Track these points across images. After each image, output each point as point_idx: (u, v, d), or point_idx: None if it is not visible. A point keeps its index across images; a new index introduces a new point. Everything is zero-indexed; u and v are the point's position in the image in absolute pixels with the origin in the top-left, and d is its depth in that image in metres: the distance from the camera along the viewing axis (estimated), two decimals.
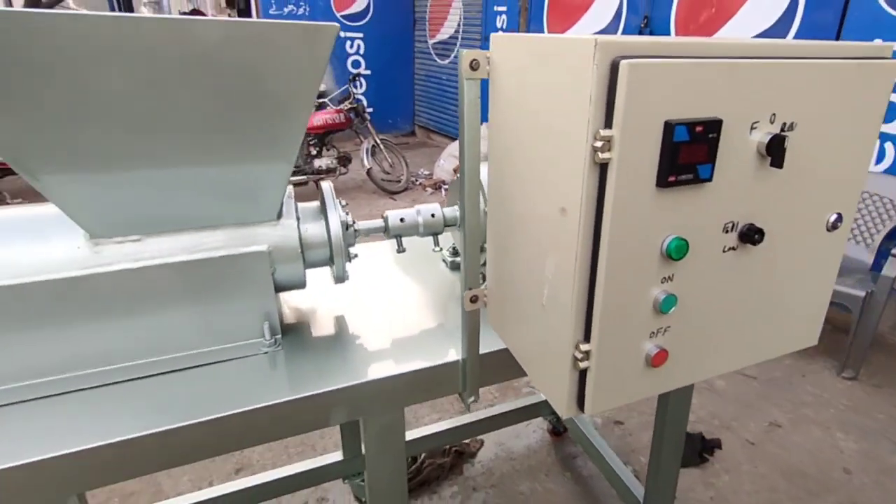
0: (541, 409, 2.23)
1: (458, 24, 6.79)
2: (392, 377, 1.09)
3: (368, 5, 7.29)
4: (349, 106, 5.23)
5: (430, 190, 5.75)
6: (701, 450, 2.21)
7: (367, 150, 5.35)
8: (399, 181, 5.65)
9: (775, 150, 0.72)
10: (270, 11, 6.87)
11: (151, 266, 1.02)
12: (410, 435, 2.13)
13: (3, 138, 0.86)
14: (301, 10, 7.02)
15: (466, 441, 2.27)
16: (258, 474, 1.86)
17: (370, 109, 6.76)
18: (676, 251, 0.72)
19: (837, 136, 0.80)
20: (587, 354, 0.77)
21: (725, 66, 0.66)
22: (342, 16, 7.22)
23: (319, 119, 5.09)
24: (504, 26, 5.95)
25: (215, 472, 2.13)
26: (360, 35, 7.35)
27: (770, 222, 0.79)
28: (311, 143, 5.15)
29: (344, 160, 5.29)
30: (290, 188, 1.23)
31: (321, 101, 5.37)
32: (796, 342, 0.96)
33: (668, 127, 0.65)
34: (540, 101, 0.76)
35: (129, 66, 0.81)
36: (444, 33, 7.09)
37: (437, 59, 7.40)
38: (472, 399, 1.18)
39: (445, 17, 6.96)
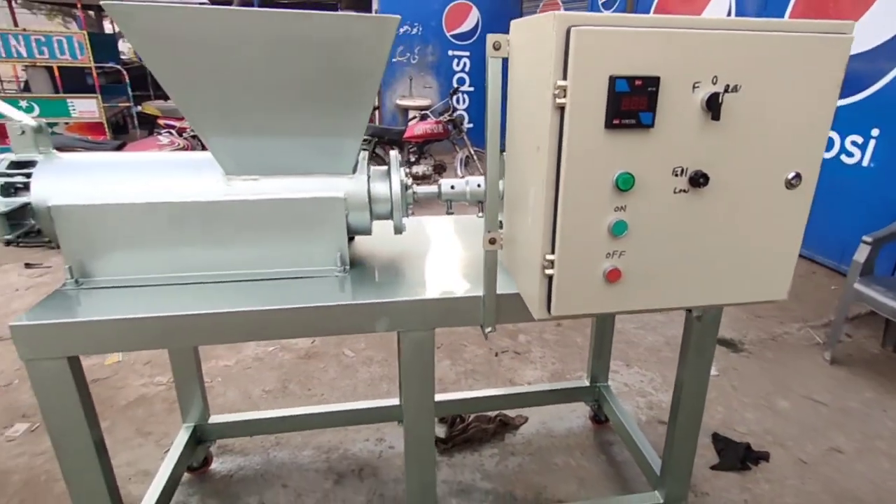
0: (583, 393, 2.35)
1: None
2: (424, 300, 1.35)
3: (477, 24, 7.81)
4: (448, 118, 5.66)
5: None
6: (744, 458, 2.18)
7: (461, 160, 5.74)
8: None
9: (713, 106, 0.89)
10: None
11: (263, 199, 1.39)
12: (459, 395, 2.37)
13: (186, 109, 1.28)
14: (415, 30, 7.69)
15: (512, 415, 2.45)
16: (332, 404, 2.22)
17: (471, 125, 7.18)
18: (623, 183, 0.92)
19: (789, 101, 0.94)
20: (552, 263, 0.98)
21: (664, 34, 0.85)
22: (452, 35, 7.80)
23: (420, 129, 5.56)
24: None
25: (302, 403, 2.51)
26: (468, 53, 7.88)
27: (720, 171, 0.95)
28: (411, 150, 5.64)
29: (439, 168, 5.72)
30: (364, 154, 1.56)
31: (423, 112, 5.87)
32: (762, 293, 1.08)
33: (612, 80, 0.86)
34: (529, 66, 1.00)
35: (260, 48, 1.18)
36: None
37: None
38: (489, 329, 1.41)
39: None
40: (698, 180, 0.94)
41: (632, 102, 0.87)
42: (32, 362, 1.24)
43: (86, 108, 6.39)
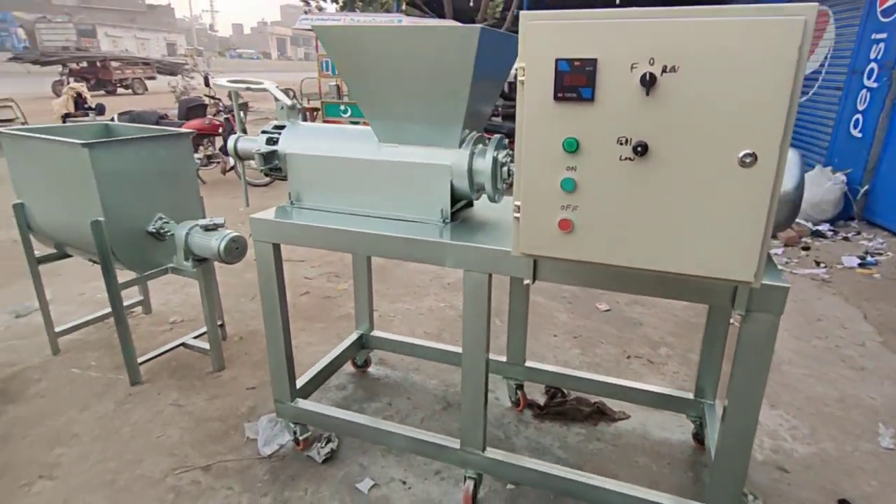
0: (684, 406, 2.26)
1: (826, 57, 5.89)
2: (482, 248, 1.69)
3: None
4: None
5: None
6: None
7: None
8: None
9: (645, 83, 1.04)
10: None
11: (397, 161, 1.94)
12: (559, 369, 2.55)
13: (357, 97, 1.91)
14: None
15: (614, 408, 2.50)
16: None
17: None
18: (568, 146, 1.14)
19: (735, 83, 1.00)
20: (518, 208, 1.25)
21: (599, 24, 1.06)
22: None
23: None
24: (880, 55, 4.86)
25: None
26: None
27: (662, 144, 1.08)
28: None
29: None
30: (475, 135, 1.96)
31: None
32: (724, 271, 1.11)
33: (557, 62, 1.10)
34: None
35: (398, 54, 1.72)
36: (808, 67, 6.24)
37: None
38: (526, 281, 1.67)
39: (812, 50, 6.13)
40: (637, 149, 1.08)
41: (573, 80, 1.09)
42: (258, 243, 2.05)
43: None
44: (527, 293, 2.46)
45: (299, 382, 2.38)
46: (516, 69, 1.16)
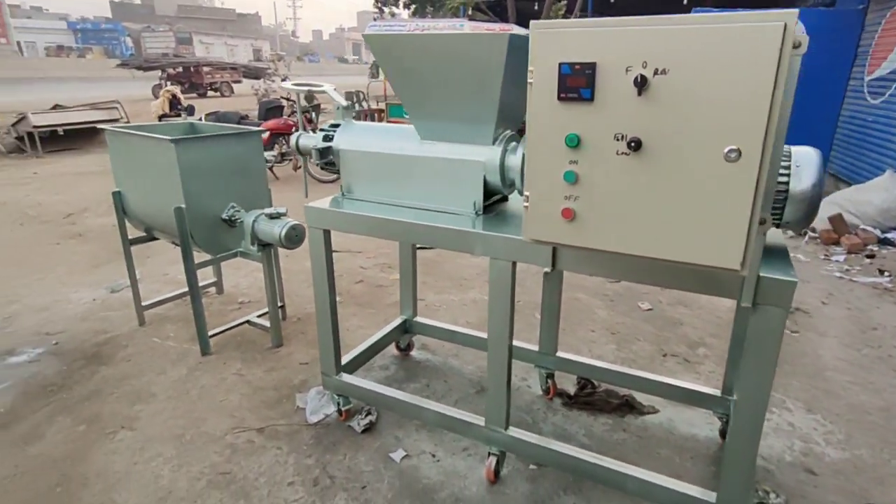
0: (710, 402, 2.27)
1: None
2: (507, 238, 1.82)
3: None
4: None
5: (790, 232, 5.09)
6: None
7: None
8: None
9: (638, 84, 1.15)
10: None
11: (436, 157, 2.10)
12: (588, 360, 2.62)
13: (403, 99, 2.10)
14: None
15: (644, 403, 2.54)
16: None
17: None
18: (570, 141, 1.26)
19: (719, 84, 1.09)
20: (528, 198, 1.38)
21: (597, 32, 1.17)
22: None
23: None
24: None
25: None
26: None
27: (655, 140, 1.18)
28: None
29: None
30: (507, 133, 2.08)
31: None
32: (712, 258, 1.19)
33: (560, 66, 1.23)
34: None
35: (432, 59, 1.89)
36: (886, 67, 5.76)
37: (868, 97, 6.11)
38: (545, 270, 1.79)
39: (891, 49, 5.65)
40: (631, 144, 1.18)
41: (574, 81, 1.21)
42: (310, 228, 2.29)
43: None
44: (559, 286, 2.56)
45: (345, 359, 2.60)
46: (529, 72, 1.29)
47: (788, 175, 1.58)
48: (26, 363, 3.01)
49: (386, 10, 16.77)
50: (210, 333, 3.17)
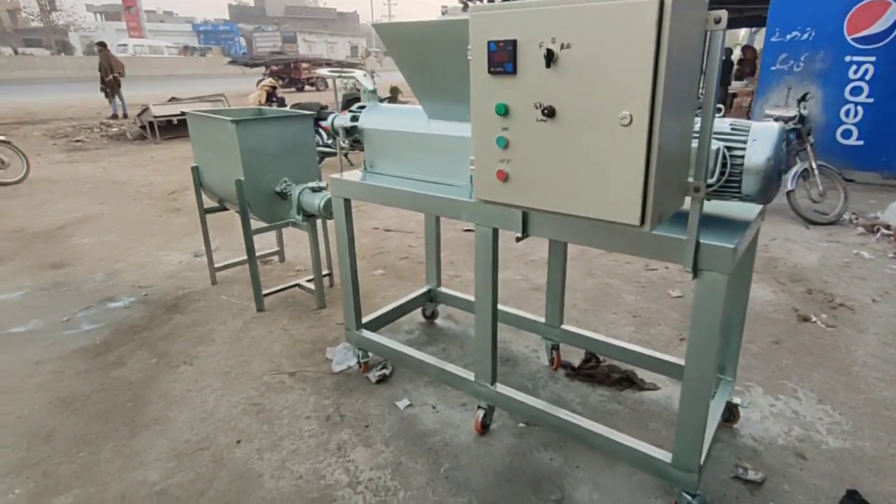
0: None
1: None
2: (487, 204, 2.00)
3: (893, 26, 5.85)
4: (792, 126, 4.89)
5: (861, 228, 4.65)
6: None
7: (796, 172, 4.87)
8: (827, 214, 4.86)
9: (546, 58, 1.29)
10: (772, 39, 6.65)
11: (440, 134, 2.32)
12: (593, 335, 2.70)
13: (411, 83, 2.33)
14: (805, 35, 6.41)
15: (647, 380, 2.59)
16: (515, 309, 3.00)
17: (860, 142, 5.76)
18: (499, 109, 1.43)
19: (611, 57, 1.20)
20: (472, 162, 1.56)
21: (518, 12, 1.32)
22: (854, 38, 6.12)
23: None
24: None
25: None
26: (871, 59, 6.03)
27: (565, 107, 1.32)
28: None
29: None
30: None
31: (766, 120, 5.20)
32: (615, 214, 1.31)
33: (489, 44, 1.40)
34: None
35: (435, 45, 2.09)
36: None
37: None
38: (516, 235, 1.95)
39: None
40: (545, 111, 1.33)
41: (500, 57, 1.37)
42: (334, 197, 2.60)
43: None
44: (563, 259, 2.67)
45: (369, 318, 2.91)
46: (468, 51, 1.47)
47: (745, 148, 1.63)
48: (121, 308, 3.64)
49: (471, 4, 16.95)
50: (265, 293, 3.62)
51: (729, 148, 1.66)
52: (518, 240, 1.96)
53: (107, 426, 2.44)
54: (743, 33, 18.37)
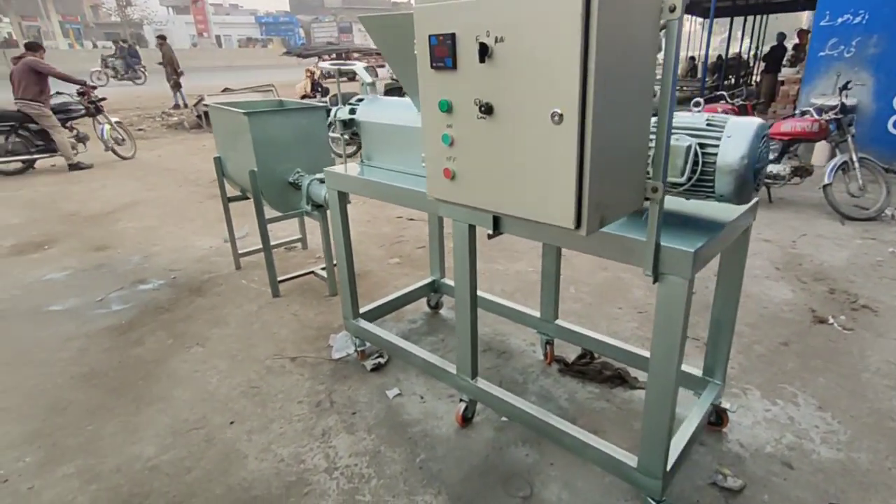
0: (691, 382, 2.19)
1: None
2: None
3: None
4: (833, 116, 4.48)
5: None
6: None
7: (835, 165, 4.47)
8: (866, 209, 4.45)
9: (480, 52, 1.26)
10: (821, 23, 6.06)
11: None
12: (588, 332, 2.63)
13: (399, 75, 2.33)
14: (858, 19, 5.79)
15: (640, 379, 2.51)
16: (517, 304, 2.98)
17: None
18: (441, 106, 1.41)
19: (541, 52, 1.15)
20: (423, 159, 1.55)
21: (456, 5, 1.29)
22: None
23: (787, 126, 4.67)
24: None
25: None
26: None
27: (501, 104, 1.28)
28: (772, 147, 4.78)
29: (801, 171, 4.66)
30: None
31: (805, 109, 4.78)
32: (550, 216, 1.27)
33: (430, 37, 1.38)
34: None
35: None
36: None
37: None
38: (488, 233, 1.92)
39: None
40: (482, 108, 1.29)
41: (440, 51, 1.34)
42: (329, 189, 2.66)
43: None
44: (557, 254, 2.61)
45: (368, 307, 2.96)
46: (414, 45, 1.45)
47: (718, 146, 1.53)
48: (150, 290, 3.87)
49: None
50: (281, 279, 3.76)
51: (702, 145, 1.57)
52: (490, 237, 1.93)
53: (117, 401, 2.62)
54: (806, 16, 17.02)
